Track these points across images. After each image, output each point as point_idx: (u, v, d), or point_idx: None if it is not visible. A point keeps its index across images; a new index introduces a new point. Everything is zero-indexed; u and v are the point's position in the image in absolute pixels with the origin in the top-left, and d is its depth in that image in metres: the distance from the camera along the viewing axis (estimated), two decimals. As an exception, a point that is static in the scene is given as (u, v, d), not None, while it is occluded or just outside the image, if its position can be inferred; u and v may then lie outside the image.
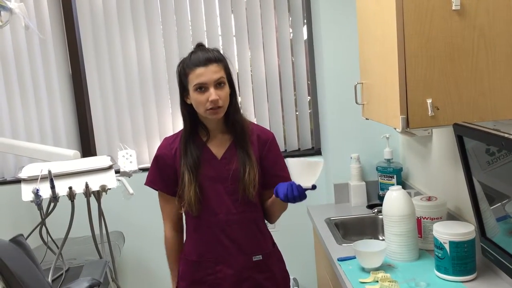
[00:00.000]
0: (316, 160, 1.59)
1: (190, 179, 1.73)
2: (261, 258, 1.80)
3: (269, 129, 2.96)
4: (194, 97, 1.69)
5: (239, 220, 1.77)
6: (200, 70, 1.66)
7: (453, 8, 1.48)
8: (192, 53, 1.72)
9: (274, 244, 1.89)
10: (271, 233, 1.91)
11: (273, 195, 1.70)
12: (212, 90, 1.66)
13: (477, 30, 1.50)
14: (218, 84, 1.67)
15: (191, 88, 1.68)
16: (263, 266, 1.81)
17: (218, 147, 1.78)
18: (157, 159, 1.82)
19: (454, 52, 1.51)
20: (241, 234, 1.78)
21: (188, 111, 1.75)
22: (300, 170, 1.58)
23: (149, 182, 1.84)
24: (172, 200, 1.82)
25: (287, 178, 1.71)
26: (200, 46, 1.74)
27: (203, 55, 1.68)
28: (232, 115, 1.76)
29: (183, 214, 1.85)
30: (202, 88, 1.66)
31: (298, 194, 1.60)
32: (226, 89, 1.71)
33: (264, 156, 1.81)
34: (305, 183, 1.58)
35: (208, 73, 1.66)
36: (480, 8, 1.49)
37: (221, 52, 1.75)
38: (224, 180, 1.76)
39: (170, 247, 1.87)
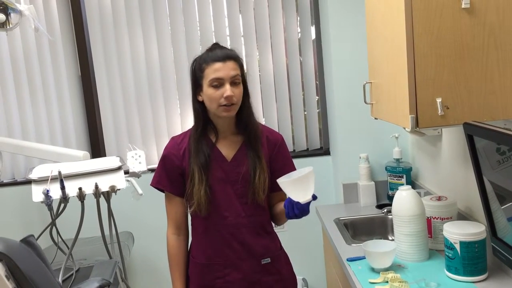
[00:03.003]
0: (305, 172, 1.53)
1: (200, 178, 1.70)
2: (269, 261, 1.79)
3: (277, 129, 2.98)
4: (208, 93, 1.66)
5: (248, 223, 1.76)
6: (218, 65, 1.64)
7: (463, 6, 1.47)
8: (209, 49, 1.70)
9: (281, 246, 1.88)
10: (280, 233, 1.91)
11: (282, 206, 1.69)
12: (227, 86, 1.64)
13: (487, 29, 1.49)
14: (233, 82, 1.66)
15: (205, 83, 1.66)
16: (272, 269, 1.80)
17: (228, 149, 1.76)
18: (164, 160, 1.79)
19: (464, 51, 1.50)
20: (249, 238, 1.76)
21: (200, 108, 1.72)
22: (293, 188, 1.54)
23: (156, 183, 1.81)
24: (178, 202, 1.80)
25: None
26: (217, 44, 1.73)
27: (221, 52, 1.67)
28: (245, 117, 1.74)
29: (189, 216, 1.83)
30: (217, 83, 1.64)
31: (299, 211, 1.57)
32: (241, 88, 1.70)
33: (273, 159, 1.79)
34: (303, 197, 1.53)
35: (225, 68, 1.64)
36: (489, 6, 1.48)
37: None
38: (234, 183, 1.74)
39: (170, 251, 1.82)
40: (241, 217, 1.75)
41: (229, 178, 1.74)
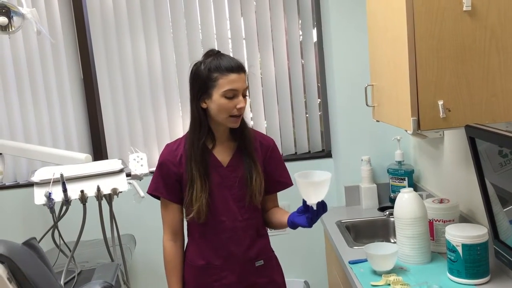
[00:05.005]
0: (323, 178, 1.57)
1: (203, 186, 1.71)
2: (262, 263, 1.82)
3: (279, 131, 2.99)
4: (220, 102, 1.66)
5: (245, 227, 1.78)
6: (234, 76, 1.64)
7: (464, 9, 1.48)
8: (218, 57, 1.68)
9: (272, 248, 1.91)
10: (281, 236, 1.92)
11: (282, 219, 1.74)
12: (241, 98, 1.67)
13: (489, 31, 1.49)
14: (243, 94, 1.69)
15: (217, 92, 1.65)
16: (265, 271, 1.83)
17: (223, 155, 1.78)
18: (161, 167, 1.80)
19: (466, 53, 1.50)
20: (245, 241, 1.79)
21: (204, 115, 1.72)
22: (309, 190, 1.58)
23: (153, 190, 1.81)
24: (175, 208, 1.81)
25: (287, 184, 1.84)
26: (218, 51, 1.72)
27: (235, 62, 1.67)
28: (241, 124, 1.76)
29: (185, 221, 1.84)
30: (232, 94, 1.65)
31: (323, 209, 1.62)
32: (247, 99, 1.73)
33: (266, 162, 1.83)
34: (313, 200, 1.59)
35: (241, 81, 1.66)
36: (491, 8, 1.48)
37: None
38: (231, 187, 1.76)
39: (167, 258, 1.84)
40: (238, 221, 1.78)
41: (226, 183, 1.76)
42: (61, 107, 2.95)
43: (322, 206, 1.60)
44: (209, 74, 1.65)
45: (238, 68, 1.66)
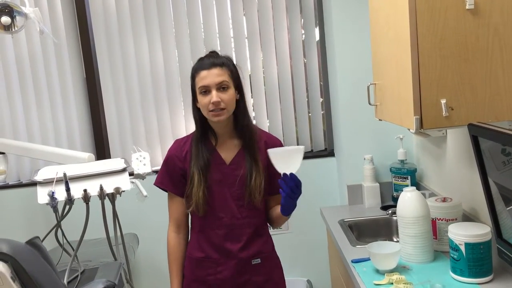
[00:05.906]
0: (294, 148, 1.64)
1: (199, 180, 1.77)
2: (259, 261, 1.84)
3: (281, 130, 2.99)
4: (200, 100, 1.75)
5: (243, 224, 1.82)
6: (204, 73, 1.72)
7: (467, 7, 1.47)
8: (201, 58, 1.79)
9: (274, 249, 1.93)
10: (284, 234, 1.93)
11: (279, 210, 1.76)
12: (214, 92, 1.71)
13: (492, 29, 1.48)
14: (220, 87, 1.72)
15: (197, 91, 1.75)
16: (262, 269, 1.85)
17: (227, 152, 1.82)
18: (167, 161, 1.86)
19: (468, 52, 1.50)
20: (243, 238, 1.82)
21: (198, 115, 1.80)
22: (279, 159, 1.63)
23: (159, 183, 1.88)
24: (179, 201, 1.86)
25: None
26: (210, 53, 1.81)
27: (209, 60, 1.75)
28: (241, 121, 1.80)
29: (189, 214, 1.89)
30: (205, 90, 1.72)
31: (294, 183, 1.63)
32: (230, 92, 1.74)
33: (271, 162, 1.82)
34: (286, 170, 1.63)
35: (210, 76, 1.72)
36: (494, 7, 1.47)
37: (233, 60, 1.82)
38: (231, 185, 1.80)
39: (169, 249, 1.89)
40: (237, 219, 1.81)
41: (227, 181, 1.80)
42: (64, 106, 2.96)
43: (291, 177, 1.63)
44: (192, 76, 1.78)
45: (210, 64, 1.73)
